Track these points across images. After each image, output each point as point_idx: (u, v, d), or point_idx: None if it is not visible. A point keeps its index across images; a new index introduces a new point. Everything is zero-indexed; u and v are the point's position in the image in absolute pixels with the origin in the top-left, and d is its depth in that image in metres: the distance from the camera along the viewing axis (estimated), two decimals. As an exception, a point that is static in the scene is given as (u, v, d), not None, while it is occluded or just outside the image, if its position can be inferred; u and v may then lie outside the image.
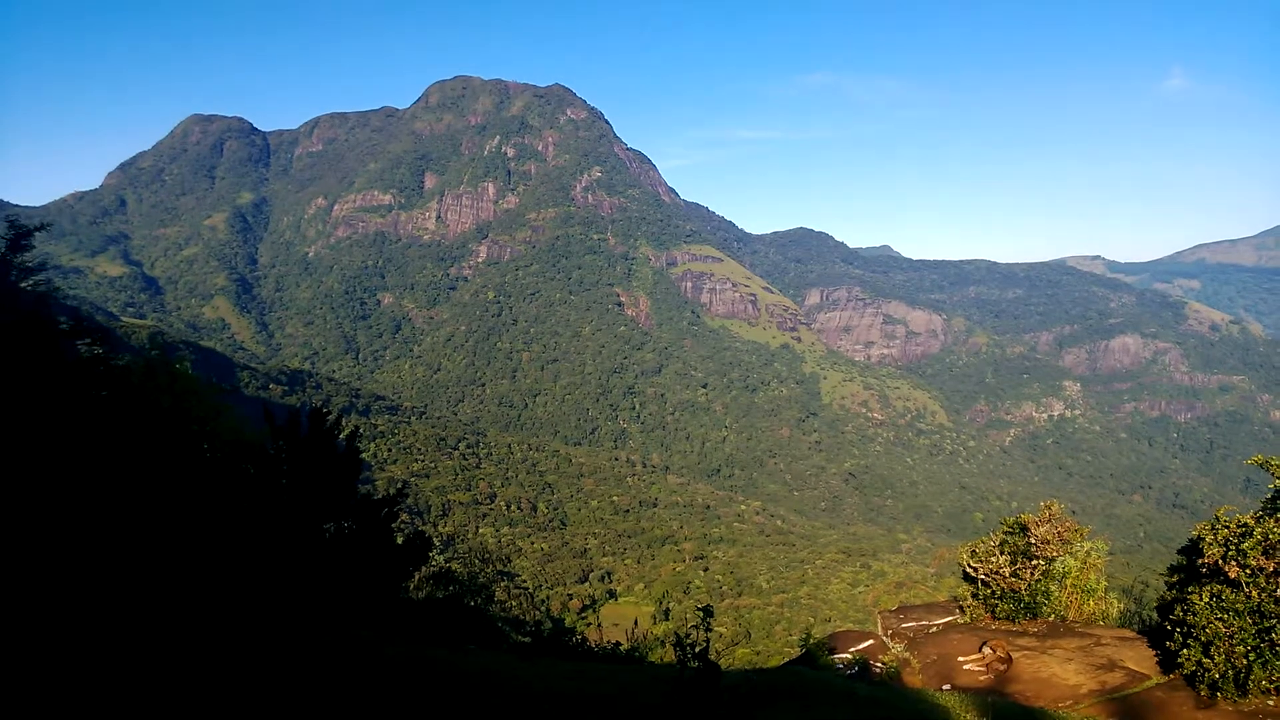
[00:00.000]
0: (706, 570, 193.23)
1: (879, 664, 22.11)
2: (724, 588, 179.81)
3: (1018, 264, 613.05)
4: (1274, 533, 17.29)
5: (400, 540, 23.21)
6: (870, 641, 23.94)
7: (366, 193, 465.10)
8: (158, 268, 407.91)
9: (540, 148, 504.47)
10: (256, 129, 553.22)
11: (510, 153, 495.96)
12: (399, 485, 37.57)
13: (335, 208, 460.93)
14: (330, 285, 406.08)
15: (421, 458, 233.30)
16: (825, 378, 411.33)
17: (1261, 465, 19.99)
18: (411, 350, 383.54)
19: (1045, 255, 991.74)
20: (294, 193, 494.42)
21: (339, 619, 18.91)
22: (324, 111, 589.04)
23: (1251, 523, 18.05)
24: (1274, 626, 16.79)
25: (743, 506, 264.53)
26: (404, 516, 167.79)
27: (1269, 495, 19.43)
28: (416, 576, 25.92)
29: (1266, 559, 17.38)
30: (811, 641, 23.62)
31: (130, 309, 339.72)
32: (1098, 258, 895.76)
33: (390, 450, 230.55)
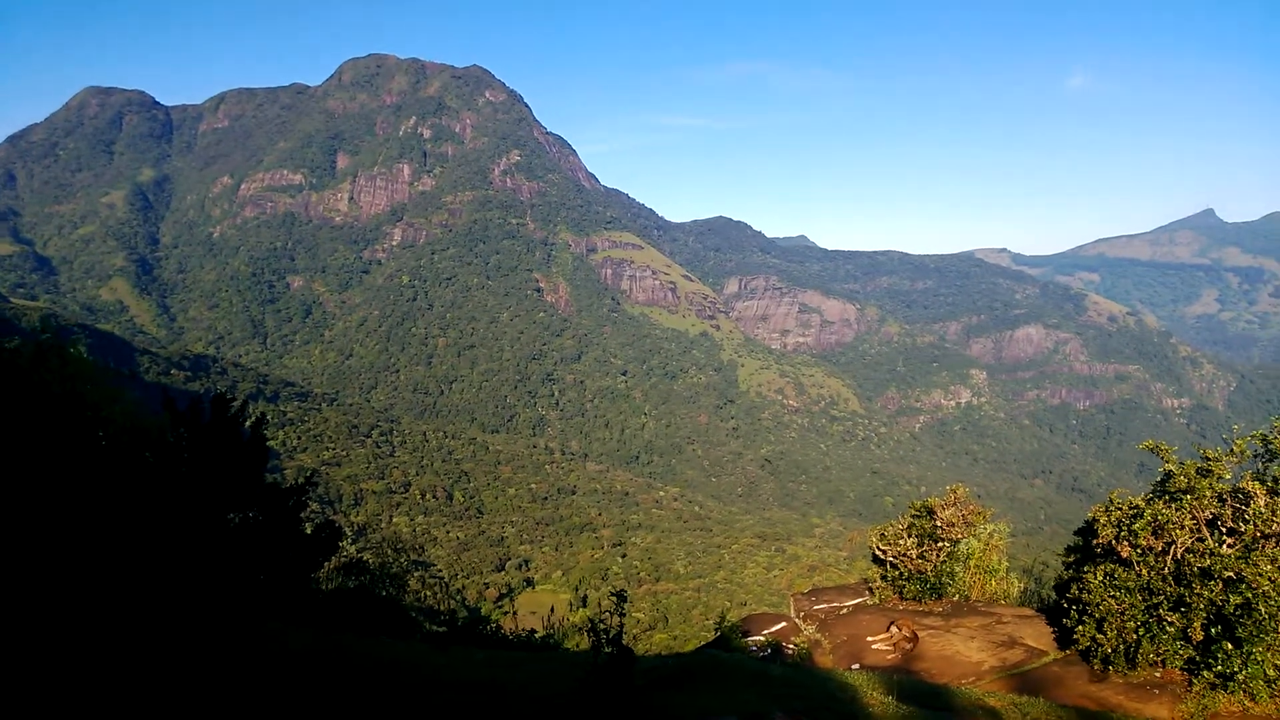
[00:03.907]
0: (625, 557, 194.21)
1: (791, 645, 22.45)
2: (642, 574, 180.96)
3: (929, 255, 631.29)
4: (1163, 514, 18.08)
5: (309, 530, 22.55)
6: (783, 624, 24.31)
7: (275, 172, 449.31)
8: (51, 247, 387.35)
9: (458, 129, 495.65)
10: (158, 103, 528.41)
11: (426, 134, 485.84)
12: (308, 474, 36.63)
13: (242, 187, 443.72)
14: (236, 267, 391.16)
15: (332, 446, 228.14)
16: (743, 365, 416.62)
17: (1152, 450, 20.90)
18: (322, 335, 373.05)
19: (955, 247, 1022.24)
20: (198, 170, 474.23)
21: (244, 610, 18.26)
22: (230, 87, 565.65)
23: (1142, 505, 18.84)
24: (1162, 603, 17.59)
25: (661, 493, 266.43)
26: (314, 506, 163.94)
27: (1159, 479, 20.34)
28: (326, 567, 25.24)
29: (1155, 539, 18.18)
30: (726, 625, 23.87)
31: (20, 290, 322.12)
32: (1004, 250, 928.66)
33: (300, 438, 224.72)
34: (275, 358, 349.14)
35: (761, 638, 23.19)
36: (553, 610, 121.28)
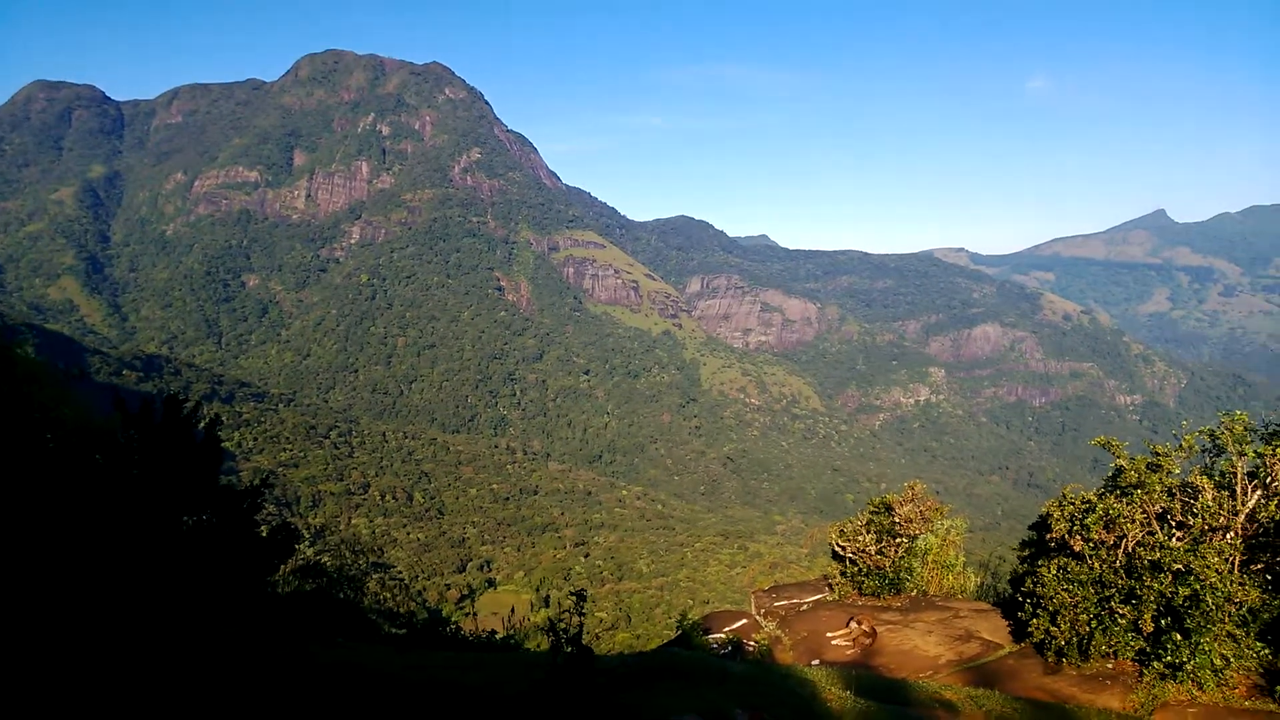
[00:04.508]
0: (587, 556, 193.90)
1: (752, 642, 22.55)
2: (605, 573, 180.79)
3: (888, 255, 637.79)
4: (1114, 509, 18.42)
5: (265, 533, 22.15)
6: (744, 621, 24.40)
7: (230, 168, 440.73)
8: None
9: (417, 126, 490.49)
10: (109, 98, 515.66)
11: (385, 131, 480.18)
12: (263, 475, 36.03)
13: (196, 184, 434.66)
14: (190, 265, 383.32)
15: (290, 447, 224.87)
16: (705, 364, 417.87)
17: (1104, 446, 21.31)
18: (279, 335, 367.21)
19: (914, 247, 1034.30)
20: (150, 167, 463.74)
21: (196, 614, 17.90)
22: (184, 82, 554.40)
23: (1094, 499, 19.20)
24: (1113, 596, 17.92)
25: (624, 492, 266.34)
26: (270, 508, 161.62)
27: (1110, 474, 20.74)
28: (283, 570, 24.84)
29: (1107, 533, 18.52)
30: (687, 623, 23.90)
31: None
32: (962, 250, 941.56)
33: (256, 439, 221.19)
34: (230, 358, 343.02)
35: (723, 635, 23.26)
36: (513, 611, 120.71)
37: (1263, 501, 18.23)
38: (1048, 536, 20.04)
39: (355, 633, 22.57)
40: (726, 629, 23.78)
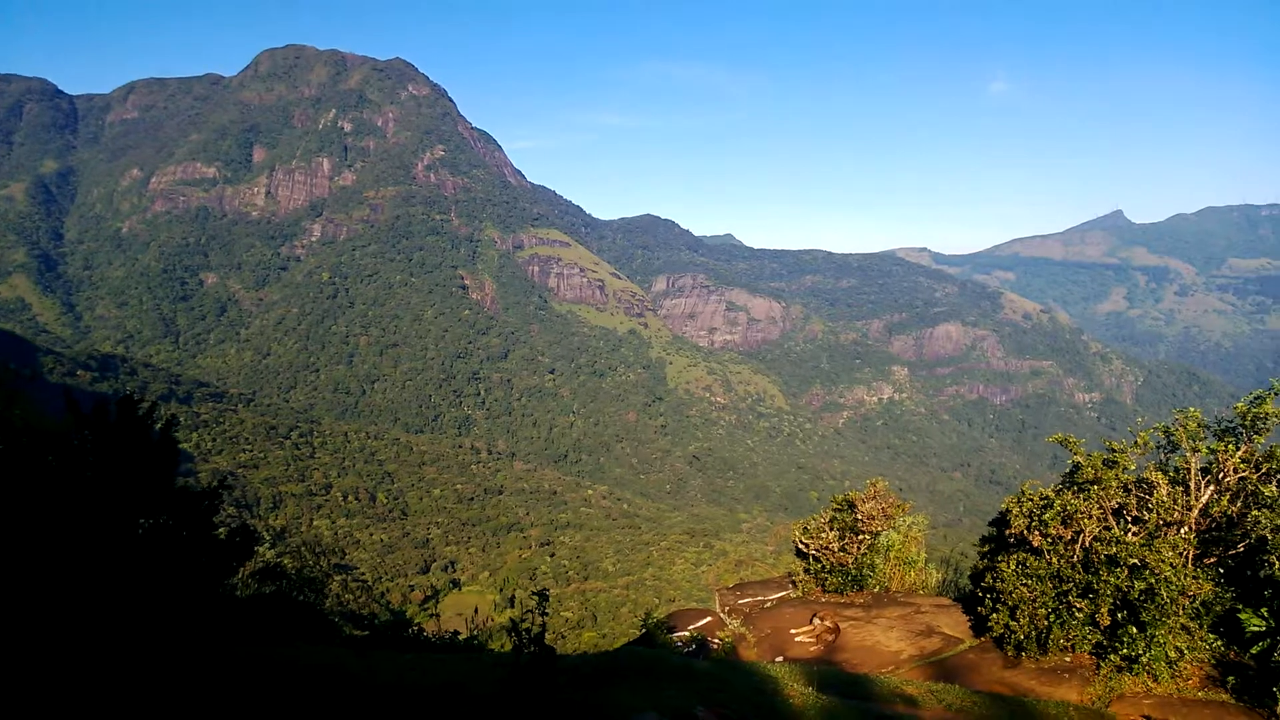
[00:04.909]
0: (553, 556, 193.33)
1: (716, 640, 22.58)
2: (570, 573, 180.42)
3: (852, 254, 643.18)
4: (1071, 504, 18.69)
5: (223, 535, 21.79)
6: (709, 619, 24.42)
7: (188, 164, 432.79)
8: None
9: (379, 123, 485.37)
10: (62, 92, 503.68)
11: (347, 127, 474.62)
12: (222, 477, 35.43)
13: (153, 180, 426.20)
14: (147, 263, 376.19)
15: (249, 448, 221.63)
16: (671, 363, 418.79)
17: (1061, 443, 21.62)
18: (238, 334, 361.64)
19: (877, 246, 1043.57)
20: (105, 163, 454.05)
21: (151, 618, 17.55)
22: (140, 76, 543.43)
23: (1052, 495, 19.45)
24: (1071, 590, 18.18)
25: (589, 491, 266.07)
26: (230, 510, 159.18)
27: (1068, 470, 21.06)
28: (241, 572, 24.41)
29: (1065, 528, 18.78)
30: (651, 621, 23.88)
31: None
32: (924, 250, 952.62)
33: (215, 440, 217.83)
34: (188, 357, 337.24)
35: (686, 633, 23.27)
36: (476, 611, 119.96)
37: (1215, 497, 18.61)
38: (1007, 532, 20.27)
39: (316, 635, 22.25)
40: (691, 627, 23.79)
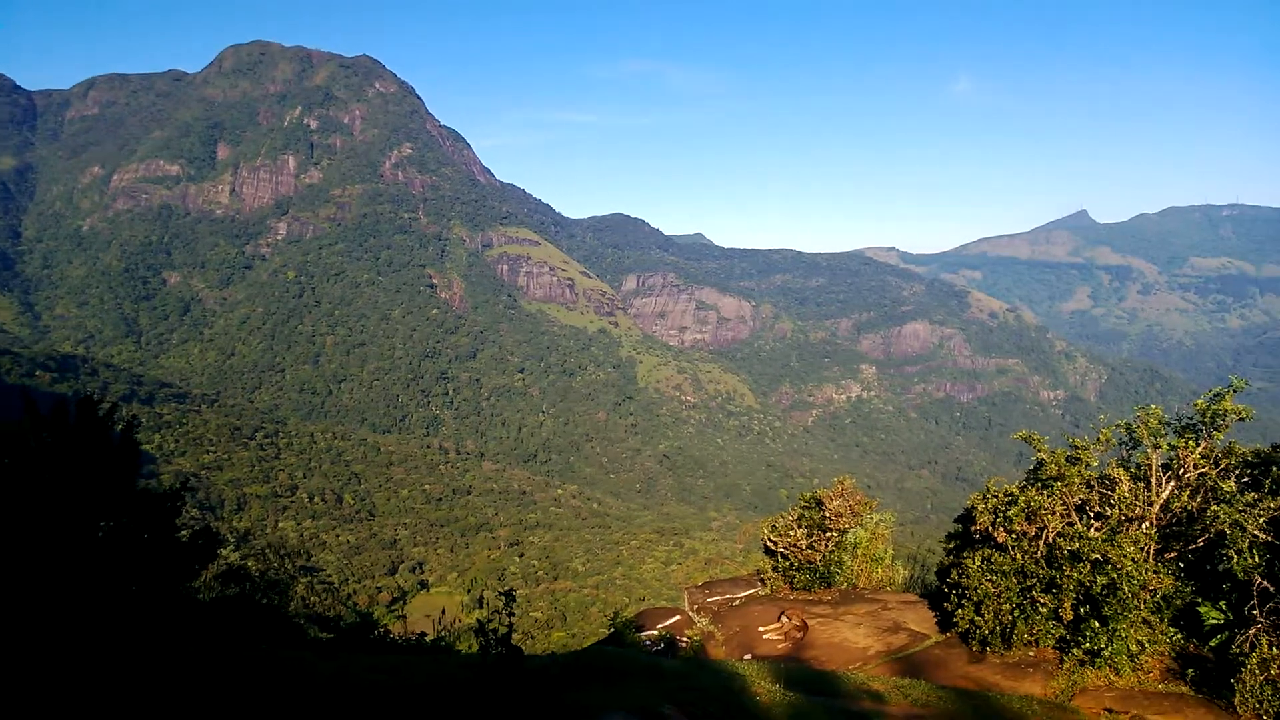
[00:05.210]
0: (522, 556, 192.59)
1: (685, 638, 22.60)
2: (540, 572, 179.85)
3: (821, 254, 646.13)
4: (1035, 500, 18.92)
5: (185, 537, 21.44)
6: (677, 617, 24.44)
7: (150, 162, 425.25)
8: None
9: (346, 120, 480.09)
10: (20, 87, 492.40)
11: (313, 124, 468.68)
12: (184, 478, 34.91)
13: (114, 178, 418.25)
14: (108, 262, 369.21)
15: (213, 449, 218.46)
16: (641, 362, 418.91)
17: (1026, 440, 21.91)
18: (202, 333, 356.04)
19: (846, 246, 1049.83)
20: (65, 160, 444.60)
21: (111, 621, 17.21)
22: (100, 72, 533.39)
23: (1016, 492, 19.68)
24: (1035, 585, 18.41)
25: (559, 491, 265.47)
26: (193, 512, 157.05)
27: (1032, 467, 21.34)
28: (204, 575, 24.04)
29: (1029, 524, 19.01)
30: (620, 621, 23.86)
31: None
32: (893, 249, 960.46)
33: (178, 441, 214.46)
34: (150, 358, 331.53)
35: (655, 632, 23.26)
36: (443, 612, 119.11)
37: (1176, 492, 18.93)
38: (972, 529, 20.47)
39: (280, 638, 21.98)
40: (660, 626, 23.80)
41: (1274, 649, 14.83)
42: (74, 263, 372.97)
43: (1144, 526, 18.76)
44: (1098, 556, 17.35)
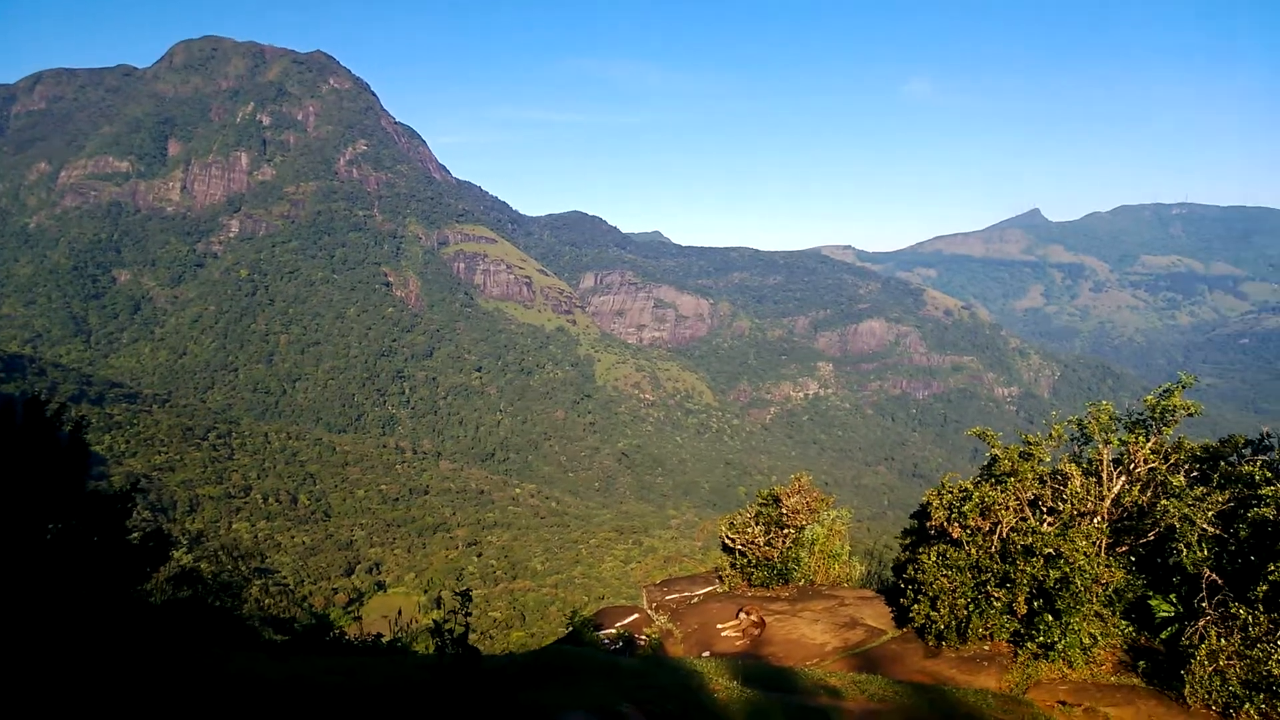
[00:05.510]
0: (480, 556, 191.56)
1: (643, 637, 22.59)
2: (498, 572, 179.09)
3: (778, 252, 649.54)
4: (989, 496, 19.20)
5: (135, 539, 20.96)
6: (636, 615, 24.44)
7: (99, 158, 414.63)
8: None
9: (300, 117, 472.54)
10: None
11: (266, 121, 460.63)
12: (135, 480, 34.17)
13: (62, 174, 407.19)
14: (56, 260, 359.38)
15: (165, 450, 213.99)
16: (599, 360, 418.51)
17: (980, 436, 22.24)
18: (152, 332, 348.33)
19: (803, 244, 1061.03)
20: (11, 156, 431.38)
21: (59, 624, 16.76)
22: (48, 66, 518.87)
23: (971, 488, 19.95)
24: (989, 580, 18.68)
25: (517, 490, 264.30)
26: (145, 514, 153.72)
27: (986, 463, 21.66)
28: (156, 578, 23.52)
29: (983, 519, 19.27)
30: (578, 620, 23.79)
31: None
32: (849, 247, 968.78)
33: (128, 442, 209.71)
34: (100, 357, 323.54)
35: (614, 630, 23.24)
36: (400, 613, 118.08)
37: (1127, 487, 19.34)
38: (928, 524, 20.72)
39: (233, 641, 21.58)
40: (618, 624, 23.78)
41: (1222, 640, 15.19)
42: (20, 261, 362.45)
43: (1096, 521, 19.13)
44: (1051, 551, 17.65)
